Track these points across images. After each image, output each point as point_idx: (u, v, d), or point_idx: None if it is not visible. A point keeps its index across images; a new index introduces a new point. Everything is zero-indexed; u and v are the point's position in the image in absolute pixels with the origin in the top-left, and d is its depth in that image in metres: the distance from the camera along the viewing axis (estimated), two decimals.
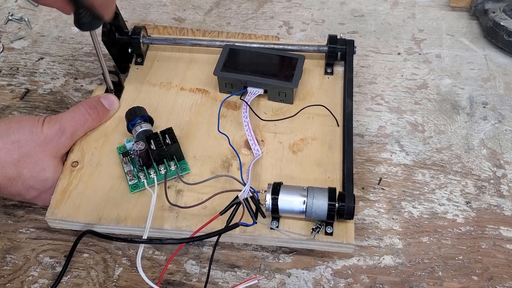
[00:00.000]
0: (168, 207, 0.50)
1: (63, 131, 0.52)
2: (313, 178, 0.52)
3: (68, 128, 0.53)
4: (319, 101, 0.59)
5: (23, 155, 0.50)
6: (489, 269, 0.50)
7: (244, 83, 0.58)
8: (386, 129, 0.62)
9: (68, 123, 0.53)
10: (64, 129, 0.53)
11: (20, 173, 0.50)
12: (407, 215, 0.54)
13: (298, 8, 0.78)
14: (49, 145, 0.51)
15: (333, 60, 0.61)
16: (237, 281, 0.49)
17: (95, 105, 0.56)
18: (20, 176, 0.50)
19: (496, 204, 0.55)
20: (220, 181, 0.52)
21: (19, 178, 0.50)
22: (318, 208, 0.46)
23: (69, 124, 0.53)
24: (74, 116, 0.54)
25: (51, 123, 0.52)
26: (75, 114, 0.54)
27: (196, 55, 0.65)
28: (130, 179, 0.52)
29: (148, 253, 0.52)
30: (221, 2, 0.80)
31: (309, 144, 0.55)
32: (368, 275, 0.50)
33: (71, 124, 0.53)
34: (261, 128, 0.57)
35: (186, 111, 0.59)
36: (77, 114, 0.54)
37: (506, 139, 0.61)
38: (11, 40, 0.74)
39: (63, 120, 0.53)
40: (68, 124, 0.53)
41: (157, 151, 0.50)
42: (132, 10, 0.78)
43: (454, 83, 0.67)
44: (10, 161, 0.49)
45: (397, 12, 0.77)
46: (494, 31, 0.70)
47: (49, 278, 0.50)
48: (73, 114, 0.54)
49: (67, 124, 0.53)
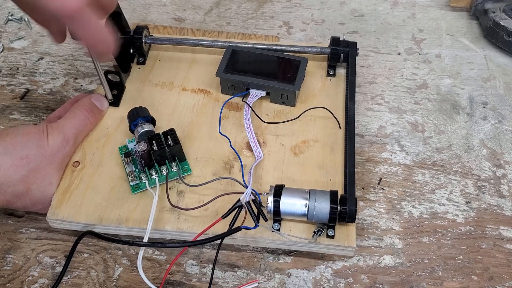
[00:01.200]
0: (169, 208, 0.50)
1: (67, 140, 0.52)
2: (314, 181, 0.52)
3: (71, 137, 0.53)
4: (321, 103, 0.59)
5: (32, 171, 0.49)
6: (489, 269, 0.50)
7: (246, 85, 0.58)
8: (386, 129, 0.62)
9: (70, 131, 0.53)
10: (67, 138, 0.52)
11: (29, 188, 0.50)
12: (407, 215, 0.55)
13: (298, 8, 0.78)
14: (55, 157, 0.51)
15: (335, 62, 0.61)
16: (237, 281, 0.50)
17: (91, 107, 0.56)
18: (28, 192, 0.50)
19: (496, 204, 0.55)
20: (222, 182, 0.52)
21: (27, 194, 0.50)
22: (320, 211, 0.47)
23: (71, 132, 0.53)
24: (75, 123, 0.54)
25: (55, 133, 0.52)
26: (75, 121, 0.54)
27: (198, 56, 0.65)
28: (131, 179, 0.52)
29: (148, 253, 0.52)
30: (221, 2, 0.80)
31: (311, 146, 0.55)
32: (368, 275, 0.50)
33: (73, 132, 0.53)
34: (263, 130, 0.57)
35: (188, 112, 0.59)
36: (77, 120, 0.54)
37: (506, 139, 0.61)
38: (11, 40, 0.74)
39: (65, 129, 0.53)
40: (70, 132, 0.53)
41: (159, 152, 0.51)
42: (132, 10, 0.78)
43: (454, 83, 0.67)
44: (19, 178, 0.49)
45: (397, 12, 0.77)
46: (494, 31, 0.70)
47: (49, 278, 0.50)
48: (73, 121, 0.54)
49: (70, 132, 0.53)
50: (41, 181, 0.50)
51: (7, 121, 0.64)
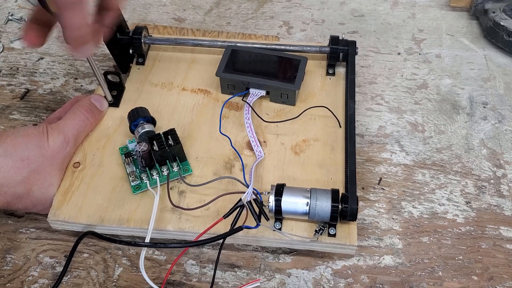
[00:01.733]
0: (170, 208, 0.50)
1: (68, 141, 0.52)
2: (315, 179, 0.52)
3: (72, 137, 0.53)
4: (321, 102, 0.59)
5: (32, 172, 0.49)
6: (489, 269, 0.51)
7: (246, 85, 0.58)
8: (386, 129, 0.62)
9: (70, 131, 0.53)
10: (68, 139, 0.52)
11: (30, 190, 0.49)
12: (407, 215, 0.55)
13: (298, 8, 0.79)
14: (56, 158, 0.51)
15: (335, 61, 0.61)
16: (237, 281, 0.50)
17: (91, 108, 0.56)
18: (29, 193, 0.50)
19: (496, 204, 0.55)
20: (223, 182, 0.52)
21: (28, 195, 0.50)
22: (321, 209, 0.47)
23: (72, 133, 0.53)
24: (75, 124, 0.54)
25: (55, 134, 0.51)
26: (75, 121, 0.54)
27: (198, 56, 0.65)
28: (132, 180, 0.52)
29: (148, 253, 0.52)
30: (221, 2, 0.80)
31: (311, 145, 0.55)
32: (368, 275, 0.50)
33: (73, 133, 0.53)
34: (263, 129, 0.57)
35: (188, 112, 0.59)
36: (77, 121, 0.54)
37: (506, 139, 0.61)
38: (11, 40, 0.74)
39: (65, 129, 0.52)
40: (70, 133, 0.53)
41: (159, 152, 0.51)
42: (132, 10, 0.78)
43: (454, 83, 0.67)
44: (20, 180, 0.49)
45: (397, 12, 0.77)
46: (494, 31, 0.70)
47: (49, 278, 0.50)
48: (73, 121, 0.54)
49: (70, 133, 0.53)
50: (41, 182, 0.50)
51: (7, 121, 0.63)
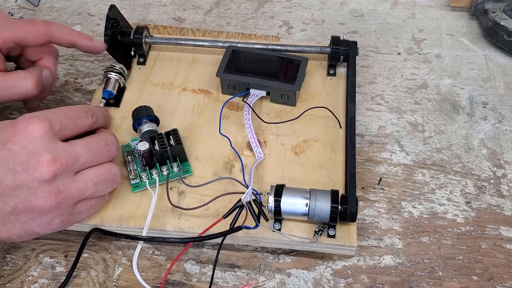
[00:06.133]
0: (170, 208, 0.50)
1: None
2: (315, 180, 0.52)
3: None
4: (322, 103, 0.59)
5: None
6: (489, 269, 0.51)
7: (246, 85, 0.58)
8: (386, 129, 0.62)
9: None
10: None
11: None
12: (407, 215, 0.55)
13: (298, 8, 0.79)
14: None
15: (335, 61, 0.61)
16: (237, 281, 0.50)
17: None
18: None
19: (496, 204, 0.55)
20: (223, 182, 0.52)
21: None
22: (320, 210, 0.47)
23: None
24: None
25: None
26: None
27: (198, 56, 0.65)
28: (132, 178, 0.52)
29: (148, 253, 0.52)
30: (221, 2, 0.80)
31: (311, 146, 0.55)
32: (368, 275, 0.50)
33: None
34: (263, 130, 0.57)
35: (188, 112, 0.59)
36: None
37: (506, 139, 0.61)
38: None
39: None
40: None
41: (160, 152, 0.51)
42: (132, 10, 0.78)
43: (454, 83, 0.67)
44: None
45: (397, 12, 0.77)
46: (494, 31, 0.70)
47: (49, 278, 0.50)
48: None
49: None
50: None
51: None
